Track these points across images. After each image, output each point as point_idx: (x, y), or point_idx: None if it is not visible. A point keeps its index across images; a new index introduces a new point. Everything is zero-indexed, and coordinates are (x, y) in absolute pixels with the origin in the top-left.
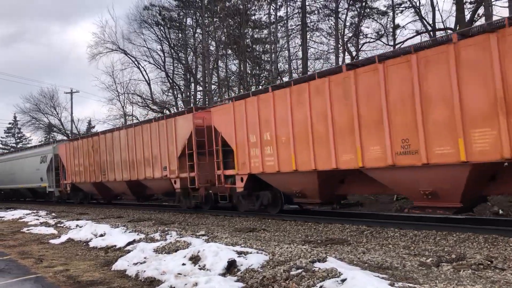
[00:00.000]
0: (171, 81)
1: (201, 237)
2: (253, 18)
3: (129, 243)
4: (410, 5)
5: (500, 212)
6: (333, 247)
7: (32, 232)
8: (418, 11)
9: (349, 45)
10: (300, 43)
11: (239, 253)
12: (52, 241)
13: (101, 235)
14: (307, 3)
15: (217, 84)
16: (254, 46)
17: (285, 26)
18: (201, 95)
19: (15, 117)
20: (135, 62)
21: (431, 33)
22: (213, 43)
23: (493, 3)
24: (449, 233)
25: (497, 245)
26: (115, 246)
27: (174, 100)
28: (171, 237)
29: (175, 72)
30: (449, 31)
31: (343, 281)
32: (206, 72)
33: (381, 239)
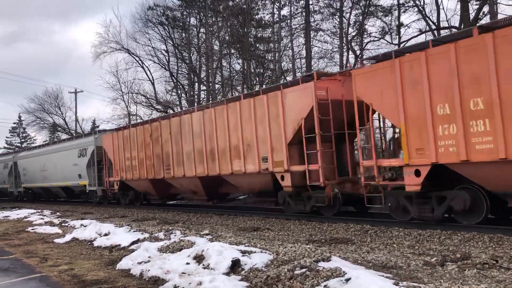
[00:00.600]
0: (175, 81)
1: (205, 236)
2: (257, 17)
3: (133, 243)
4: (414, 4)
5: None
6: (337, 247)
7: (36, 231)
8: (422, 10)
9: (353, 44)
10: (303, 42)
11: (243, 252)
12: (56, 241)
13: (106, 235)
14: (310, 2)
15: (220, 83)
16: (257, 45)
17: (289, 25)
18: (205, 94)
19: (19, 116)
20: (139, 61)
21: (435, 32)
22: (217, 43)
23: (498, 1)
24: (454, 232)
25: (502, 244)
26: (120, 245)
27: (178, 99)
28: (175, 236)
29: (179, 71)
30: (454, 29)
31: (347, 280)
32: (210, 71)
33: (386, 239)
